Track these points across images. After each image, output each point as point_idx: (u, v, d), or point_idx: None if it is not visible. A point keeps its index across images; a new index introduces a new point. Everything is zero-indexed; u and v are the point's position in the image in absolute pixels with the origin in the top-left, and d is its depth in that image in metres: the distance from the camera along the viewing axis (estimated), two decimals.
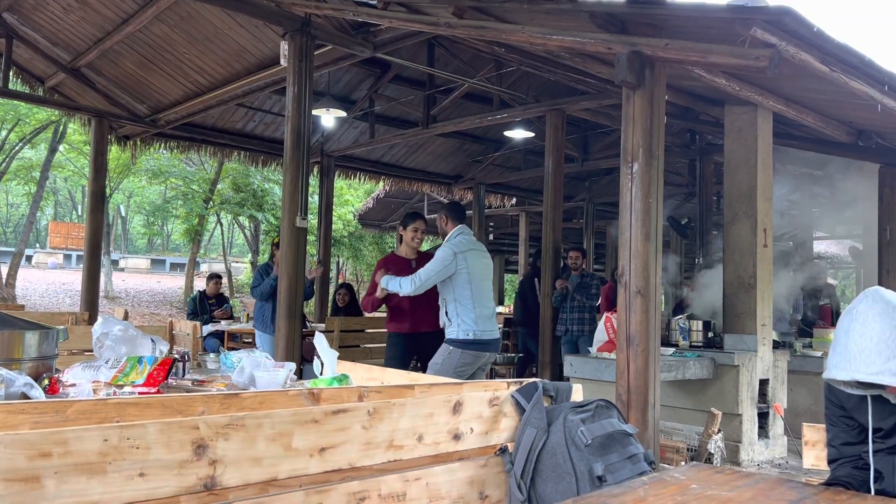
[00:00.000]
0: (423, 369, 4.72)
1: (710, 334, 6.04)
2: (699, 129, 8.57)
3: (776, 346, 6.02)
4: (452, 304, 4.46)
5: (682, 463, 4.38)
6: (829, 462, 2.15)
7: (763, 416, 5.73)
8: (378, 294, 4.79)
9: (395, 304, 4.92)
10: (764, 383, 5.72)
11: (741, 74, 4.60)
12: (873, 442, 1.98)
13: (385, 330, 5.25)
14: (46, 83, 8.94)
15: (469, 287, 4.43)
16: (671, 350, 5.72)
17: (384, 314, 5.27)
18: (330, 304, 10.09)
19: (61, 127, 18.49)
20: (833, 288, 9.67)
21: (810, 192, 9.65)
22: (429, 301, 4.73)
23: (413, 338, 4.91)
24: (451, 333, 4.45)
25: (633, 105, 3.89)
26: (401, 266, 4.90)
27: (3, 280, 17.67)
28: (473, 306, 4.41)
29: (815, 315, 8.82)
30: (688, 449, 4.70)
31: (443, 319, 4.56)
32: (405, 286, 4.51)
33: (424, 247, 5.32)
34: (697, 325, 6.05)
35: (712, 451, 4.86)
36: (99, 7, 7.09)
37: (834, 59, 3.88)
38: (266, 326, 6.49)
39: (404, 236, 5.05)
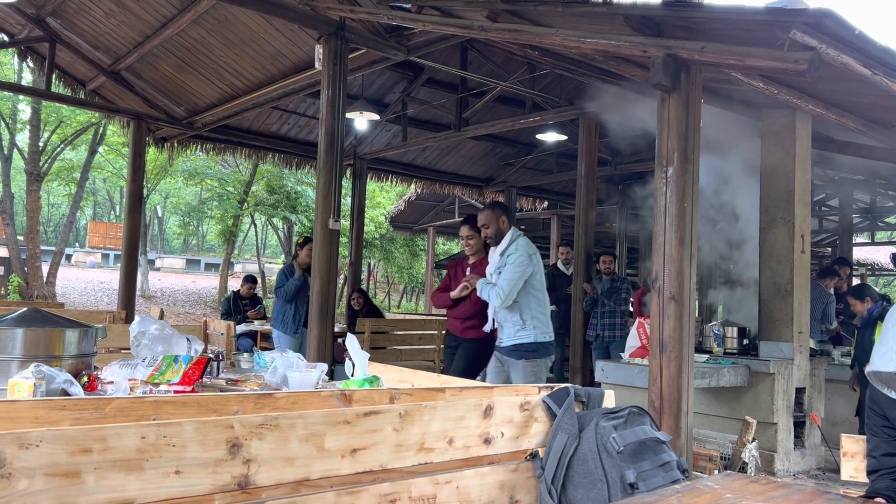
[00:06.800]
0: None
1: (745, 341, 5.94)
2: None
3: (813, 354, 5.90)
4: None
5: (716, 471, 4.32)
6: (869, 473, 2.10)
7: (799, 426, 5.62)
8: (455, 294, 4.69)
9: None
10: (800, 392, 5.61)
11: (779, 78, 4.52)
12: None
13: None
14: (87, 86, 9.17)
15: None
16: (705, 357, 5.64)
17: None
18: (345, 309, 10.09)
19: (101, 129, 18.89)
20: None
21: None
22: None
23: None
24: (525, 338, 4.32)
25: (668, 108, 3.85)
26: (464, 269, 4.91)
27: (45, 278, 18.09)
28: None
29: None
30: (721, 457, 4.62)
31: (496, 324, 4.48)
32: (493, 299, 4.30)
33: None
34: (732, 332, 5.95)
35: (746, 460, 4.77)
36: (139, 11, 7.24)
37: (876, 61, 3.79)
38: (287, 327, 6.49)
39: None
